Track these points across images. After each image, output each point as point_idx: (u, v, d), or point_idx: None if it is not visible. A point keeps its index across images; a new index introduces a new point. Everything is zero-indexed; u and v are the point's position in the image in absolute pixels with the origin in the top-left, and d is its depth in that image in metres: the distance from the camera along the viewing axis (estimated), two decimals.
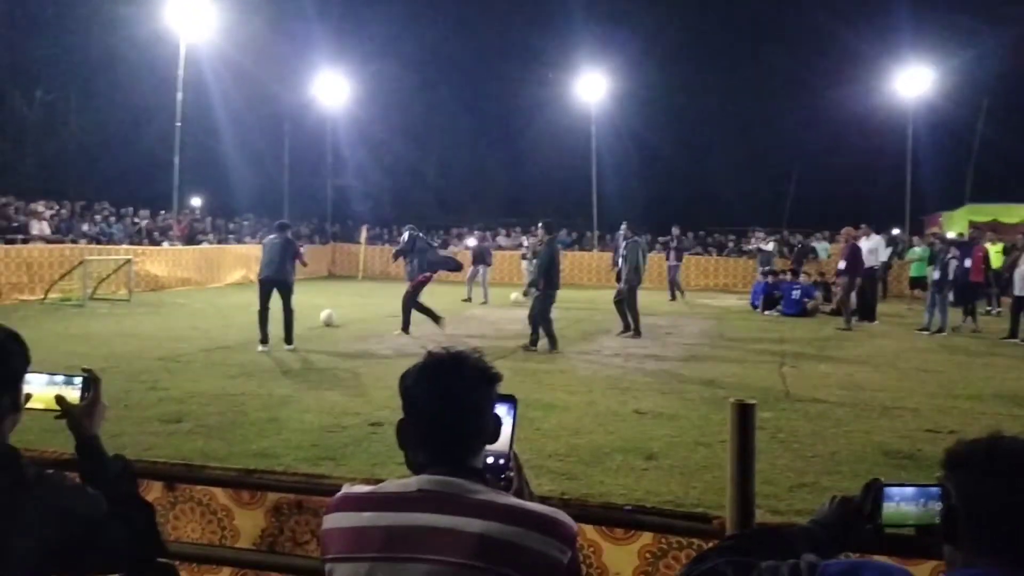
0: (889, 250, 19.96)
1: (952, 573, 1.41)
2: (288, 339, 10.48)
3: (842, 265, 14.55)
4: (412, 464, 1.73)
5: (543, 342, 10.95)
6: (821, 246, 23.66)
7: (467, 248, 21.11)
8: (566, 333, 12.88)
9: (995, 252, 18.62)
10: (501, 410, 1.80)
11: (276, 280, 10.60)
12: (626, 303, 12.55)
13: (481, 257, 18.93)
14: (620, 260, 13.19)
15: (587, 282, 23.86)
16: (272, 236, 11.00)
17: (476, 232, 20.40)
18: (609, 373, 9.30)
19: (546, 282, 11.01)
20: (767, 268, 20.22)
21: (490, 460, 1.82)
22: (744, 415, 1.92)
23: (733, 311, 17.54)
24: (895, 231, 27.22)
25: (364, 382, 8.33)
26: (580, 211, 29.94)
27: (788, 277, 17.99)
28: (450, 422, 1.69)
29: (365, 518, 1.63)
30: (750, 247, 23.09)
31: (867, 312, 15.32)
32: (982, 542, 1.35)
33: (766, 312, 16.91)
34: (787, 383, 8.89)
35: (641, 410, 7.32)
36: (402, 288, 12.49)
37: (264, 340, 10.35)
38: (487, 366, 1.76)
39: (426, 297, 12.31)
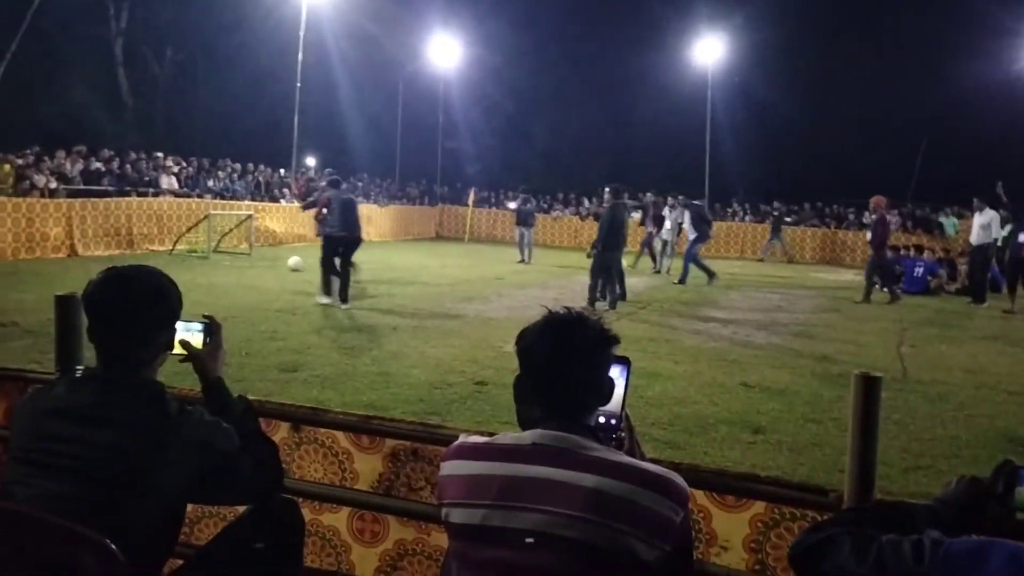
0: (1009, 227, 18.49)
1: None
2: (345, 297, 10.41)
3: (869, 236, 14.24)
4: (524, 421, 1.77)
5: (606, 302, 11.44)
6: (948, 221, 22.42)
7: (511, 210, 21.16)
8: (672, 302, 12.75)
9: None
10: (615, 371, 1.81)
11: (353, 237, 10.71)
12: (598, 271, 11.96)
13: (523, 219, 19.11)
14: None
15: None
16: (335, 191, 10.91)
17: (520, 195, 20.58)
18: (716, 344, 9.15)
19: (604, 244, 11.29)
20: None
21: (601, 420, 1.84)
22: (868, 388, 1.87)
23: (850, 286, 16.88)
24: None
25: (470, 342, 8.46)
26: (691, 177, 29.23)
27: (911, 252, 17.17)
28: (567, 380, 1.72)
29: (481, 467, 1.68)
30: (866, 220, 22.11)
31: (976, 293, 14.40)
32: None
33: (885, 289, 16.21)
34: (905, 363, 8.53)
35: (749, 383, 7.18)
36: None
37: (330, 292, 10.55)
38: (606, 327, 1.77)
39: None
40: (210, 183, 20.78)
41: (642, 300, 12.78)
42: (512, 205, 22.51)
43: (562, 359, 1.71)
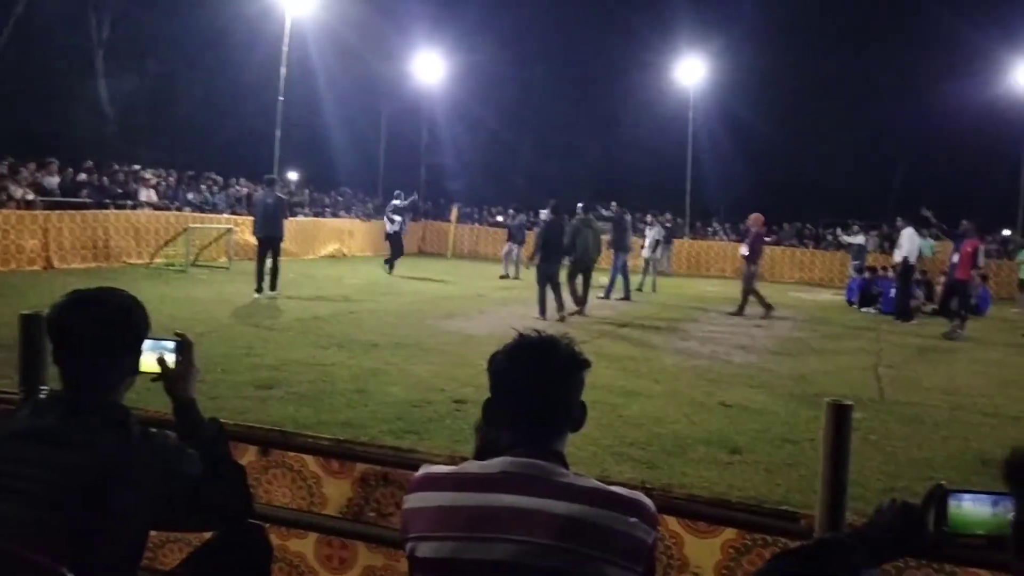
0: (930, 243, 18.13)
1: None
2: (274, 286, 12.48)
3: (744, 251, 14.57)
4: (488, 444, 1.74)
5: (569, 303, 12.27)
6: (926, 243, 22.61)
7: (504, 226, 21.56)
8: (652, 320, 12.78)
9: None
10: None
11: (275, 237, 12.53)
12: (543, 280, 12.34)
13: (512, 235, 19.49)
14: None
15: (678, 270, 23.52)
16: (259, 194, 13.14)
17: (511, 210, 21.01)
18: (696, 363, 9.17)
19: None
20: (857, 263, 19.52)
21: None
22: (840, 416, 1.87)
23: (828, 306, 17.01)
24: (1006, 232, 25.99)
25: (450, 359, 8.42)
26: (675, 196, 29.40)
27: (889, 273, 17.31)
28: (539, 405, 1.69)
29: (448, 498, 1.64)
30: (843, 240, 22.39)
31: (901, 311, 14.62)
32: None
33: (863, 309, 16.34)
34: (882, 383, 8.58)
35: (727, 402, 7.19)
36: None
37: (261, 289, 12.37)
38: (578, 351, 1.75)
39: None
40: (190, 196, 20.64)
41: (622, 318, 12.80)
42: (500, 219, 23.04)
43: (533, 383, 1.69)
